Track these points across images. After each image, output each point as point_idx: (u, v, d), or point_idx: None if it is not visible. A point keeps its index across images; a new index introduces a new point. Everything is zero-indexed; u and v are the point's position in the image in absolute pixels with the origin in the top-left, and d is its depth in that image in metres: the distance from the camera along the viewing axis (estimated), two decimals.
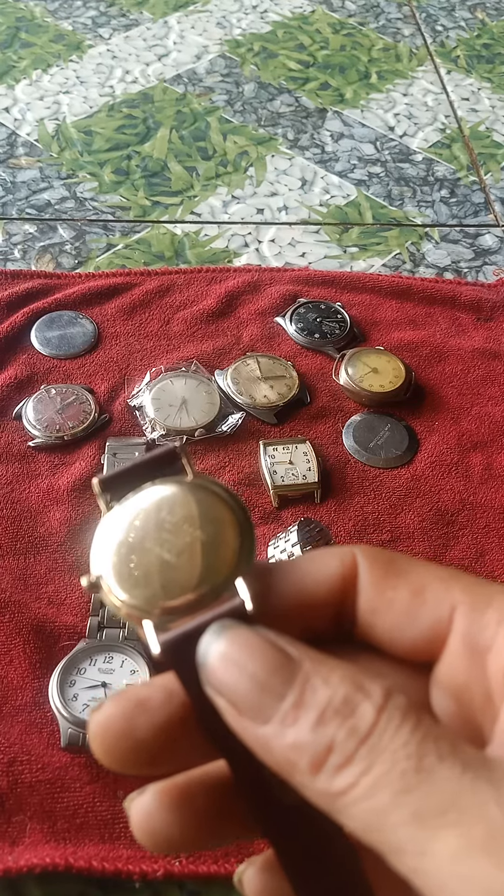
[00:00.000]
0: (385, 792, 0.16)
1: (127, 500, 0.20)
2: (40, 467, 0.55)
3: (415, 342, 0.65)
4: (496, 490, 0.56)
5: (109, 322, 0.64)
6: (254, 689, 0.17)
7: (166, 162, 0.80)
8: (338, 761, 0.16)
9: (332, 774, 0.16)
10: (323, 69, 0.94)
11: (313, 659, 0.18)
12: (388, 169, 0.82)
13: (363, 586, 0.20)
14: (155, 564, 0.19)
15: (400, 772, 0.16)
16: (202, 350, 0.63)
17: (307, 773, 0.16)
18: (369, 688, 0.17)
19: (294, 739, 0.17)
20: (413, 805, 0.15)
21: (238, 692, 0.17)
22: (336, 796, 0.16)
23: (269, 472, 0.55)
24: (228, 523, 0.20)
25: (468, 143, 0.86)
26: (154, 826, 0.20)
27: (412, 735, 0.16)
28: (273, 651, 0.18)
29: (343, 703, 0.17)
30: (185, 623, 0.19)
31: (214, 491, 0.20)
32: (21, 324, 0.63)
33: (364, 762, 0.16)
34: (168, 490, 0.20)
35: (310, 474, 0.55)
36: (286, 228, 0.75)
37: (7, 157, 0.80)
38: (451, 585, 0.19)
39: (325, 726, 0.17)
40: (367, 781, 0.16)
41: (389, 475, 0.57)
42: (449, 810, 0.15)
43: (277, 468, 0.55)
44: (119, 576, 0.19)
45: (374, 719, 0.16)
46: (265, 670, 0.17)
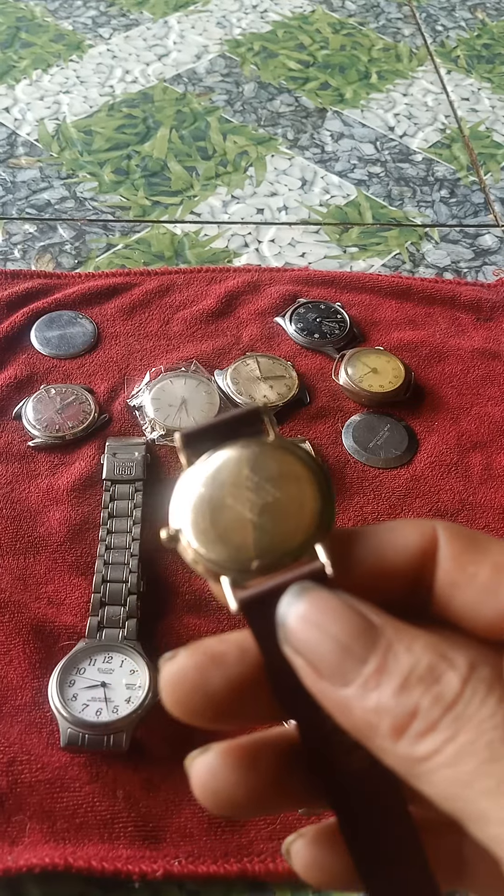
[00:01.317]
0: (470, 760, 0.16)
1: (209, 456, 0.20)
2: (40, 467, 0.55)
3: (414, 342, 0.65)
4: (496, 490, 0.56)
5: (109, 322, 0.64)
6: (335, 652, 0.17)
7: (166, 162, 0.81)
8: (422, 727, 0.16)
9: (415, 740, 0.16)
10: (323, 69, 0.94)
11: (396, 627, 0.18)
12: (388, 169, 0.82)
13: (443, 560, 0.20)
14: (235, 521, 0.19)
15: (486, 741, 0.16)
16: (202, 350, 0.63)
17: (388, 737, 0.17)
18: (454, 658, 0.17)
19: (377, 703, 0.17)
20: (500, 774, 0.16)
21: (319, 654, 0.18)
22: (418, 762, 0.16)
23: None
24: (310, 487, 0.20)
25: (468, 144, 0.86)
26: (217, 785, 0.20)
27: (498, 706, 0.16)
28: (355, 615, 0.18)
29: (427, 671, 0.17)
30: (264, 582, 0.19)
31: (298, 454, 0.20)
32: (21, 324, 0.63)
33: (449, 730, 0.16)
34: (251, 449, 0.20)
35: None
36: (286, 228, 0.75)
37: (7, 156, 0.80)
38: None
39: (409, 692, 0.17)
40: (451, 749, 0.16)
41: (389, 475, 0.57)
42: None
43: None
44: (198, 530, 0.19)
45: (459, 689, 0.16)
46: (347, 633, 0.18)
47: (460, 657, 0.17)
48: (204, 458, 0.20)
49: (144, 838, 0.40)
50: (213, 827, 0.41)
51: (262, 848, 0.40)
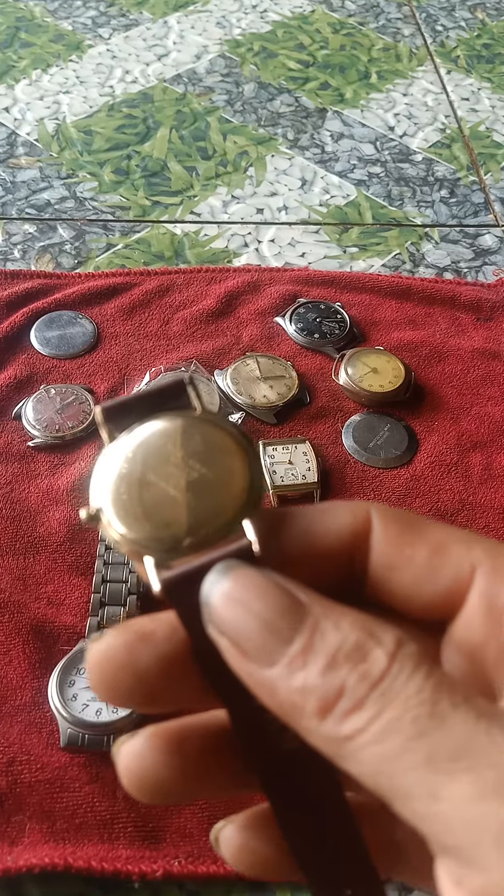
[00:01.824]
0: (396, 737, 0.16)
1: (131, 431, 0.19)
2: (40, 467, 0.55)
3: (414, 342, 0.65)
4: (496, 490, 0.56)
5: (109, 322, 0.64)
6: (260, 631, 0.17)
7: (166, 162, 0.81)
8: (348, 706, 0.16)
9: (340, 719, 0.16)
10: (323, 69, 0.94)
11: (323, 604, 0.17)
12: (387, 169, 0.82)
13: (377, 542, 0.19)
14: (159, 499, 0.18)
15: (412, 717, 0.16)
16: (202, 350, 0.63)
17: (314, 717, 0.16)
18: (381, 634, 0.17)
19: (302, 683, 0.16)
20: (425, 750, 0.15)
21: (243, 633, 0.17)
22: (344, 741, 0.16)
23: (269, 473, 0.55)
24: (238, 462, 0.19)
25: (468, 143, 0.86)
26: (144, 770, 0.19)
27: (425, 682, 0.16)
28: (281, 593, 0.17)
29: (354, 648, 0.16)
30: (189, 561, 0.18)
31: (224, 427, 0.19)
32: (21, 324, 0.63)
33: (375, 707, 0.16)
34: (175, 423, 0.19)
35: (309, 474, 0.55)
36: (286, 228, 0.75)
37: (7, 156, 0.80)
38: (471, 546, 0.19)
39: (335, 670, 0.16)
40: (377, 726, 0.16)
41: (389, 475, 0.57)
42: (462, 756, 0.15)
43: (277, 468, 0.55)
44: (120, 509, 0.18)
45: (386, 664, 0.16)
46: (273, 611, 0.17)
47: (388, 634, 0.17)
48: (126, 434, 0.19)
49: (144, 838, 0.40)
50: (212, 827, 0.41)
51: None
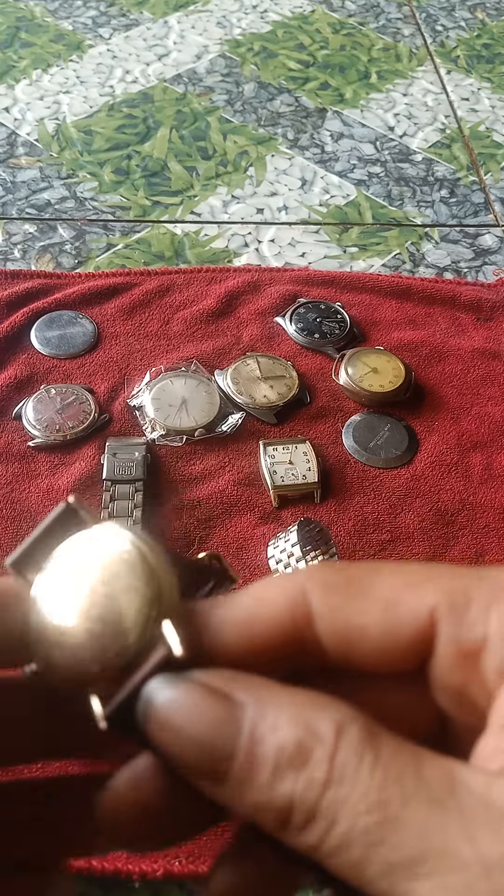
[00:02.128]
0: (355, 847, 0.15)
1: (42, 572, 0.20)
2: (40, 467, 0.55)
3: (414, 342, 0.65)
4: (496, 490, 0.56)
5: (109, 322, 0.64)
6: (200, 754, 0.16)
7: (166, 162, 0.81)
8: (301, 819, 0.15)
9: (298, 832, 0.15)
10: (323, 69, 0.94)
11: (258, 698, 0.16)
12: (387, 169, 0.82)
13: (323, 621, 0.18)
14: (82, 638, 0.18)
15: (364, 827, 0.15)
16: (202, 350, 0.63)
17: (276, 830, 0.16)
18: (320, 726, 0.16)
19: (254, 800, 0.16)
20: (385, 858, 0.15)
21: (184, 759, 0.16)
22: (310, 849, 0.16)
23: (269, 472, 0.55)
24: (142, 570, 0.18)
25: (468, 143, 0.86)
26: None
27: (371, 778, 0.15)
28: (209, 703, 0.16)
29: (296, 752, 0.16)
30: (125, 688, 0.18)
31: (119, 537, 0.19)
32: (21, 324, 0.63)
33: (327, 817, 0.15)
34: (76, 553, 0.19)
35: (310, 474, 0.55)
36: (286, 228, 0.75)
37: (7, 156, 0.80)
38: (423, 589, 0.18)
39: (280, 781, 0.15)
40: (334, 838, 0.15)
41: (389, 475, 0.57)
42: (421, 860, 0.15)
43: (277, 468, 0.55)
44: (49, 660, 0.19)
45: (327, 767, 0.15)
46: (206, 730, 0.16)
47: (328, 723, 0.16)
48: (41, 578, 0.19)
49: None
50: None
51: None
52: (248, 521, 0.53)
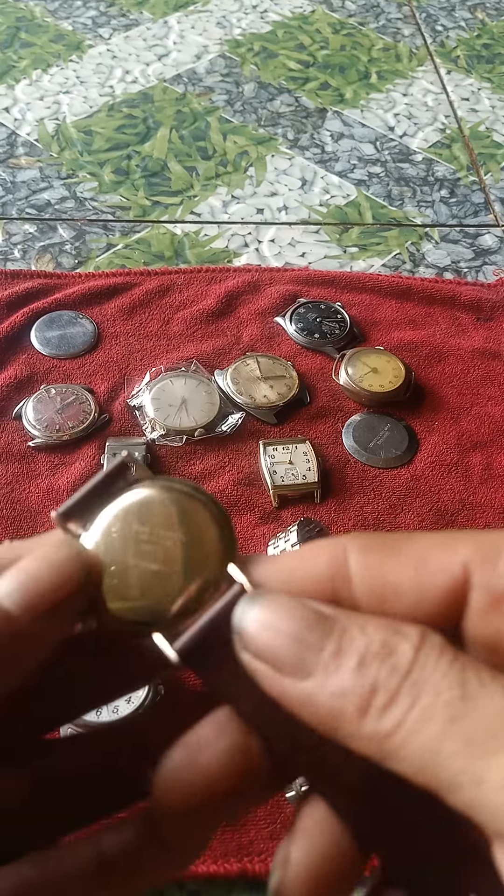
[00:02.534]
0: (434, 723, 0.16)
1: (94, 524, 0.20)
2: (40, 467, 0.55)
3: (415, 342, 0.65)
4: (496, 490, 0.56)
5: (109, 322, 0.64)
6: (294, 646, 0.18)
7: (166, 162, 0.81)
8: (383, 700, 0.16)
9: (379, 715, 0.16)
10: (323, 69, 0.94)
11: (347, 614, 0.18)
12: (387, 169, 0.82)
13: (360, 579, 0.19)
14: (145, 578, 0.19)
15: (445, 701, 0.16)
16: (202, 350, 0.63)
17: (355, 719, 0.17)
18: (405, 630, 0.17)
19: (338, 686, 0.17)
20: (464, 732, 0.16)
21: (278, 651, 0.18)
22: (386, 738, 0.16)
23: (269, 472, 0.55)
24: (203, 517, 0.20)
25: (468, 144, 0.86)
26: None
27: (451, 666, 0.16)
28: (307, 610, 0.18)
29: (382, 646, 0.17)
30: (194, 624, 0.19)
31: (179, 489, 0.20)
32: (21, 324, 0.63)
33: (409, 697, 0.16)
34: (132, 501, 0.20)
35: (310, 474, 0.55)
36: (286, 228, 0.75)
37: (7, 156, 0.80)
38: (454, 547, 0.19)
39: (366, 668, 0.17)
40: (414, 715, 0.16)
41: (389, 475, 0.57)
42: (500, 733, 0.15)
43: (277, 468, 0.55)
44: (116, 601, 0.19)
45: (413, 655, 0.17)
46: (303, 627, 0.18)
47: (411, 628, 0.17)
48: (91, 528, 0.20)
49: None
50: None
51: (262, 847, 0.40)
52: (248, 520, 0.53)
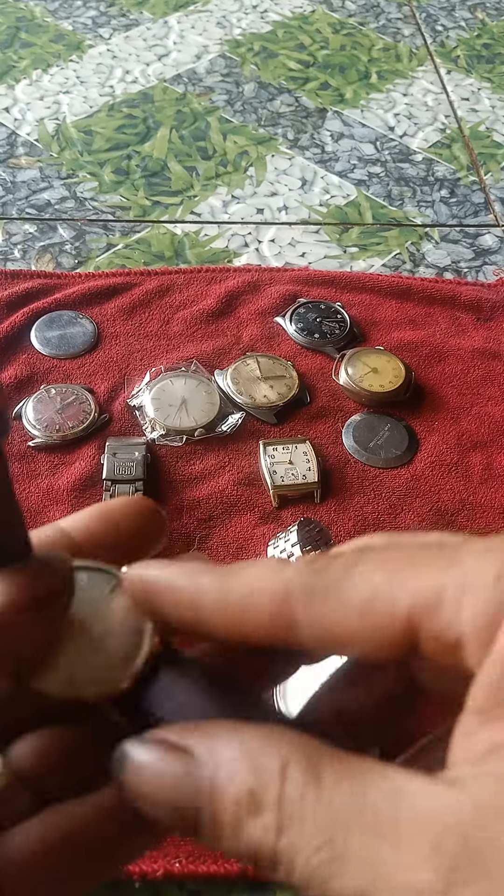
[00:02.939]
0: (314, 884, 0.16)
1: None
2: (40, 467, 0.55)
3: (415, 342, 0.65)
4: (496, 490, 0.56)
5: (109, 322, 0.64)
6: (174, 815, 0.17)
7: (166, 162, 0.81)
8: (267, 863, 0.16)
9: (270, 873, 0.16)
10: (323, 69, 0.94)
11: (213, 749, 0.17)
12: (388, 169, 0.82)
13: (304, 628, 0.19)
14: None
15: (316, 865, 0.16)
16: (202, 350, 0.63)
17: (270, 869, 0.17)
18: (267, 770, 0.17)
19: (228, 849, 0.17)
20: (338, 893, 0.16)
21: (163, 818, 0.18)
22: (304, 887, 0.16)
23: (269, 472, 0.55)
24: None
25: (468, 143, 0.86)
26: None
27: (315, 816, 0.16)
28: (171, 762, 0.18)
29: (250, 800, 0.17)
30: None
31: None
32: (21, 324, 0.63)
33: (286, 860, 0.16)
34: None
35: (310, 474, 0.55)
36: (286, 228, 0.75)
37: (7, 156, 0.80)
38: (396, 591, 0.18)
39: (243, 831, 0.17)
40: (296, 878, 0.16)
41: (389, 475, 0.57)
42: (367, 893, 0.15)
43: (277, 468, 0.55)
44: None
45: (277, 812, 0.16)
46: (169, 793, 0.17)
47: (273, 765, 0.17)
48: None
49: None
50: None
51: None
52: (249, 520, 0.53)
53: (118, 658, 0.20)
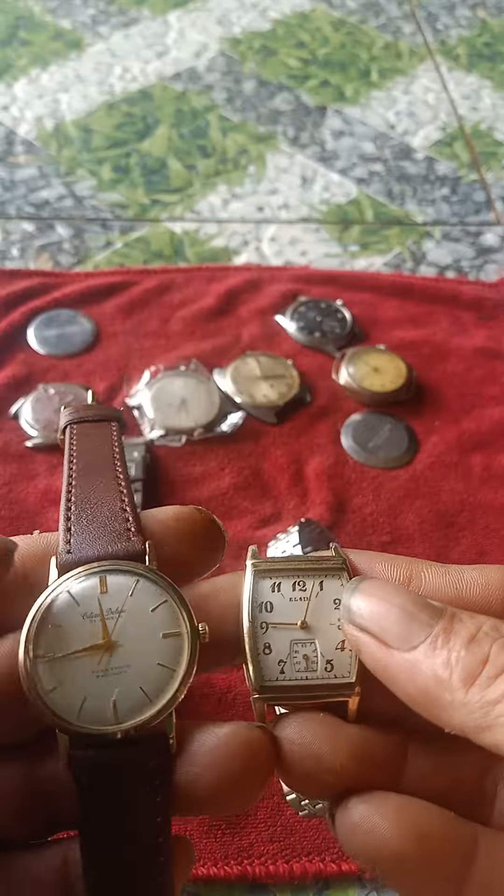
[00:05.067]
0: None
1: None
2: (38, 467, 0.55)
3: (416, 341, 0.64)
4: (496, 490, 0.56)
5: (108, 321, 0.64)
6: (401, 618, 0.19)
7: (165, 160, 0.80)
8: (493, 671, 0.18)
9: (486, 684, 0.18)
10: (323, 67, 0.94)
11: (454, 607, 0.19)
12: (388, 167, 0.82)
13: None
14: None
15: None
16: (201, 349, 0.62)
17: (460, 687, 0.18)
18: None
19: (446, 657, 0.18)
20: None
21: (387, 621, 0.19)
22: (490, 706, 0.17)
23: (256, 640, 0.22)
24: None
25: (469, 142, 0.86)
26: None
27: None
28: (418, 594, 0.20)
29: (492, 627, 0.18)
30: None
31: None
32: (19, 323, 0.62)
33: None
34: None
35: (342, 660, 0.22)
36: (286, 226, 0.75)
37: (5, 155, 0.79)
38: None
39: (477, 644, 0.18)
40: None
41: (389, 475, 0.56)
42: None
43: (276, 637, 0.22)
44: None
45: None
46: (413, 603, 0.19)
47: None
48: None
49: None
50: (213, 829, 0.40)
51: (262, 850, 0.40)
52: (249, 521, 0.53)
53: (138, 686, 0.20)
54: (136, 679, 0.20)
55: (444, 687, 0.18)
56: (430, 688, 0.18)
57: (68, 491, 0.23)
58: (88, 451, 0.25)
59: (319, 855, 0.40)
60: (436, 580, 0.21)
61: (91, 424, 0.26)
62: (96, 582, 0.21)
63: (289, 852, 0.40)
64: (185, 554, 0.22)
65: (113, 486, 0.23)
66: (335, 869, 0.39)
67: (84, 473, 0.24)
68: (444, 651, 0.18)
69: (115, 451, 0.25)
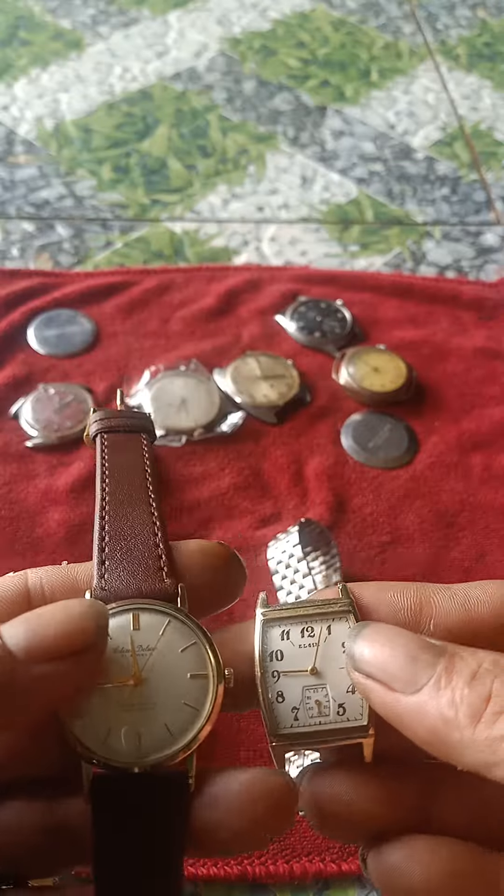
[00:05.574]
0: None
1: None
2: (38, 467, 0.55)
3: (416, 341, 0.64)
4: (496, 490, 0.56)
5: (108, 321, 0.64)
6: (405, 662, 0.19)
7: (166, 160, 0.80)
8: (498, 708, 0.18)
9: (492, 721, 0.18)
10: (323, 67, 0.94)
11: (454, 644, 0.20)
12: (388, 167, 0.82)
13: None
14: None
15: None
16: (201, 349, 0.62)
17: (467, 725, 0.18)
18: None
19: (450, 697, 0.18)
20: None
21: (391, 666, 0.19)
22: (498, 742, 0.17)
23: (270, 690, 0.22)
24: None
25: (469, 142, 0.86)
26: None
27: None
28: (418, 636, 0.20)
29: (493, 664, 0.19)
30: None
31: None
32: (19, 323, 0.62)
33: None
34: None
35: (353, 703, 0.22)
36: (286, 226, 0.75)
37: (5, 155, 0.79)
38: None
39: (480, 681, 0.18)
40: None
41: (389, 475, 0.56)
42: None
43: (290, 683, 0.22)
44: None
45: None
46: (416, 646, 0.20)
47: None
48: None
49: None
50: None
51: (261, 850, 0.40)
52: (249, 521, 0.53)
53: (163, 722, 0.20)
54: (162, 716, 0.20)
55: (452, 726, 0.18)
56: (438, 728, 0.18)
57: (101, 517, 0.24)
58: (120, 468, 0.25)
59: (319, 855, 0.40)
60: (445, 604, 0.22)
61: (123, 436, 0.27)
62: (129, 619, 0.21)
63: (289, 852, 0.40)
64: (208, 586, 0.22)
65: (147, 518, 0.24)
66: (335, 869, 0.39)
67: (118, 501, 0.24)
68: (448, 691, 0.19)
69: (146, 472, 0.25)
